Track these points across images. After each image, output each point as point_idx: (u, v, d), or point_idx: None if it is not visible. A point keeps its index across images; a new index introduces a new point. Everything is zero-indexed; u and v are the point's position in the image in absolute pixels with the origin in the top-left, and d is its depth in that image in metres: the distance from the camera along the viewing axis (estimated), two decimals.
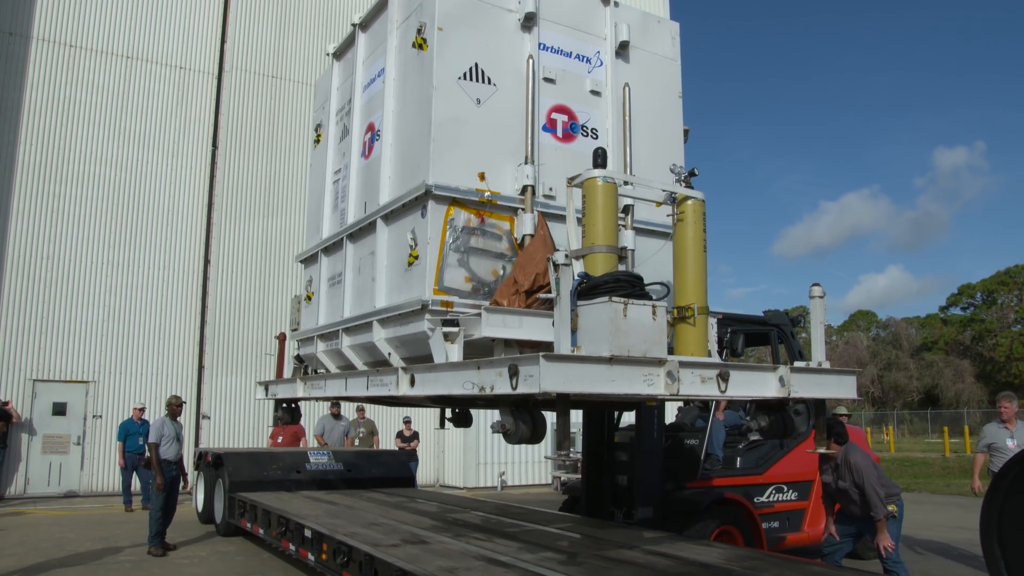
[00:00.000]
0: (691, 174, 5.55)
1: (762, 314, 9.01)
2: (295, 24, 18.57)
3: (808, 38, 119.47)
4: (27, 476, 15.07)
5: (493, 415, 5.37)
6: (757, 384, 4.94)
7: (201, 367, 16.70)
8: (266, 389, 8.68)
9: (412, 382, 5.21)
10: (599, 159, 5.16)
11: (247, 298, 17.36)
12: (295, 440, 13.66)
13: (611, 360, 4.13)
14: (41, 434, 15.30)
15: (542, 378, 3.85)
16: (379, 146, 6.35)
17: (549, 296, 4.71)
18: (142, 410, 14.04)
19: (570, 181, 5.23)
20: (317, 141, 8.18)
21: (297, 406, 8.97)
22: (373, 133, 6.60)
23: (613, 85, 6.28)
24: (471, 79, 5.67)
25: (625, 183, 5.55)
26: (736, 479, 8.43)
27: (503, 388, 4.15)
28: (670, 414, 9.39)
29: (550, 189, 5.80)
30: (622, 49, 6.38)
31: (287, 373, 8.69)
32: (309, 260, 7.97)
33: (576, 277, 4.54)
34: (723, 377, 4.65)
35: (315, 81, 10.44)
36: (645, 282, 4.82)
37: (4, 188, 15.42)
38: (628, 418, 8.75)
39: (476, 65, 5.70)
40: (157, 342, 16.42)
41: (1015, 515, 5.48)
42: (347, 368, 6.89)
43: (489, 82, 5.74)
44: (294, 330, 8.25)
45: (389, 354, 5.92)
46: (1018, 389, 40.12)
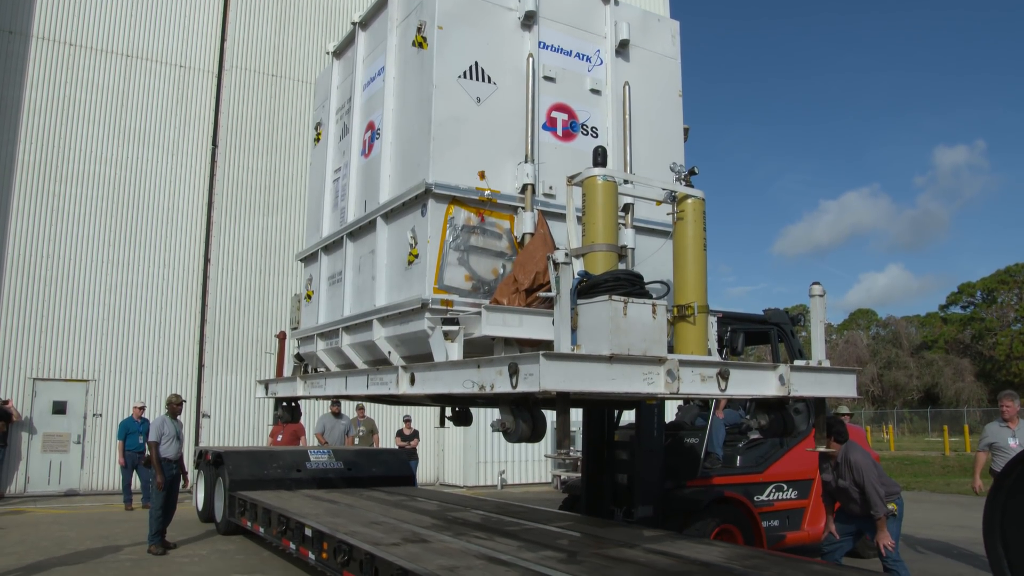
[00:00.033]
0: (691, 173, 5.55)
1: (762, 313, 9.02)
2: (295, 22, 18.56)
3: (808, 37, 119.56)
4: (27, 475, 15.07)
5: (493, 414, 5.37)
6: (757, 383, 4.94)
7: (201, 366, 16.70)
8: (266, 388, 8.68)
9: (412, 381, 5.22)
10: (599, 158, 5.16)
11: (247, 297, 17.36)
12: (295, 439, 13.67)
13: (611, 359, 4.13)
14: (41, 433, 15.31)
15: (542, 377, 3.85)
16: (379, 145, 6.34)
17: (549, 295, 4.72)
18: (142, 409, 14.04)
19: (570, 180, 5.23)
20: (317, 140, 8.18)
21: (297, 405, 8.97)
22: (373, 132, 6.60)
23: (613, 84, 6.28)
24: (471, 78, 5.67)
25: (625, 182, 5.55)
26: (736, 478, 8.43)
27: (503, 387, 4.15)
28: (670, 413, 9.39)
29: (550, 188, 5.79)
30: (622, 48, 6.38)
31: (287, 372, 8.69)
32: (309, 259, 7.97)
33: (576, 276, 4.55)
34: (723, 376, 4.65)
35: (315, 79, 10.43)
36: (645, 281, 4.82)
37: (4, 187, 15.42)
38: (628, 417, 8.75)
39: (476, 64, 5.70)
40: (157, 341, 16.42)
41: (1018, 514, 5.47)
42: (347, 367, 6.89)
43: (489, 81, 5.74)
44: (294, 329, 8.25)
45: (389, 353, 5.93)
46: (1018, 388, 40.12)
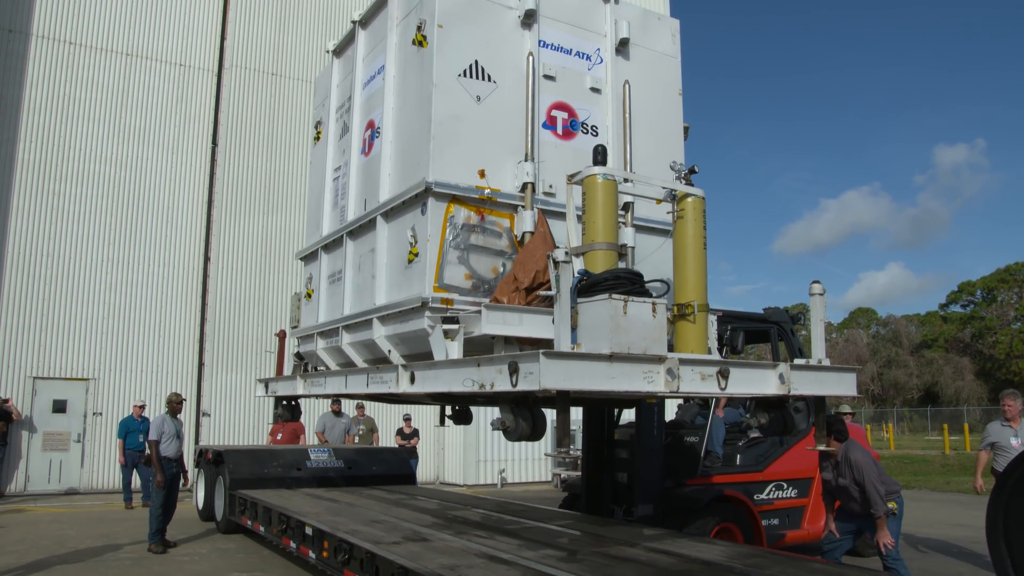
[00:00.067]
0: (691, 171, 5.55)
1: (762, 311, 9.02)
2: (295, 21, 18.56)
3: (808, 35, 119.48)
4: (27, 473, 15.08)
5: (493, 412, 5.37)
6: (757, 381, 4.94)
7: (201, 364, 16.70)
8: (266, 386, 8.68)
9: (412, 379, 5.22)
10: (599, 156, 5.16)
11: (247, 295, 17.36)
12: (294, 437, 13.67)
13: (611, 357, 4.13)
14: (41, 431, 15.31)
15: (542, 375, 3.85)
16: (379, 143, 6.34)
17: (549, 293, 4.72)
18: (142, 407, 14.05)
19: (570, 178, 5.23)
20: (317, 138, 8.17)
21: (297, 403, 8.96)
22: (373, 130, 6.60)
23: (613, 82, 6.28)
24: (471, 76, 5.67)
25: (625, 180, 5.54)
26: (736, 476, 8.43)
27: (503, 385, 4.15)
28: (670, 411, 9.39)
29: (550, 186, 5.80)
30: (622, 46, 6.38)
31: (287, 370, 8.69)
32: (309, 257, 7.97)
33: (576, 274, 4.55)
34: (723, 374, 4.65)
35: (315, 78, 10.43)
36: (645, 279, 4.82)
37: (4, 185, 15.41)
38: (628, 415, 8.75)
39: (476, 62, 5.70)
40: (157, 339, 16.43)
41: (1021, 514, 5.47)
42: (347, 365, 6.89)
43: (489, 79, 5.74)
44: (294, 327, 8.25)
45: (389, 351, 5.93)
46: (1019, 386, 40.09)
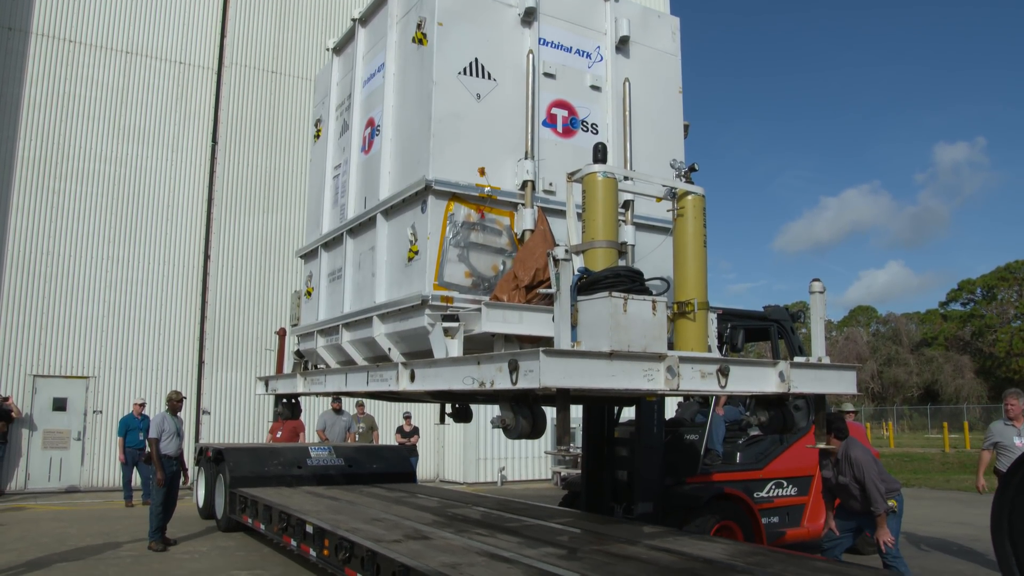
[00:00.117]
0: (691, 169, 5.54)
1: (762, 309, 9.02)
2: (295, 19, 18.54)
3: (809, 34, 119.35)
4: (27, 471, 15.09)
5: (493, 410, 5.37)
6: (757, 379, 4.94)
7: (201, 362, 16.71)
8: (266, 384, 8.68)
9: (412, 377, 5.22)
10: (599, 154, 5.15)
11: (247, 293, 17.36)
12: (294, 435, 13.67)
13: (611, 355, 4.13)
14: (41, 429, 15.32)
15: (542, 373, 3.85)
16: (379, 141, 6.34)
17: (549, 291, 4.72)
18: (142, 405, 14.06)
19: (570, 176, 5.22)
20: (317, 136, 8.17)
21: (297, 401, 8.96)
22: (373, 128, 6.60)
23: (613, 80, 6.27)
24: (471, 74, 5.67)
25: (625, 178, 5.54)
26: (736, 474, 8.43)
27: (503, 383, 4.15)
28: (670, 409, 9.39)
29: (550, 184, 5.79)
30: (622, 44, 6.37)
31: (287, 368, 8.70)
32: (309, 255, 7.97)
33: (576, 272, 4.54)
34: (723, 372, 4.65)
35: (315, 76, 10.42)
36: (645, 277, 4.82)
37: (4, 184, 15.41)
38: (628, 413, 8.76)
39: (476, 60, 5.70)
40: (157, 337, 16.43)
41: None
42: (347, 363, 6.89)
43: (489, 77, 5.73)
44: (294, 325, 8.25)
45: (389, 349, 5.92)
46: (1019, 384, 40.13)
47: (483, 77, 5.71)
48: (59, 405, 15.49)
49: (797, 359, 5.50)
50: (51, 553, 8.91)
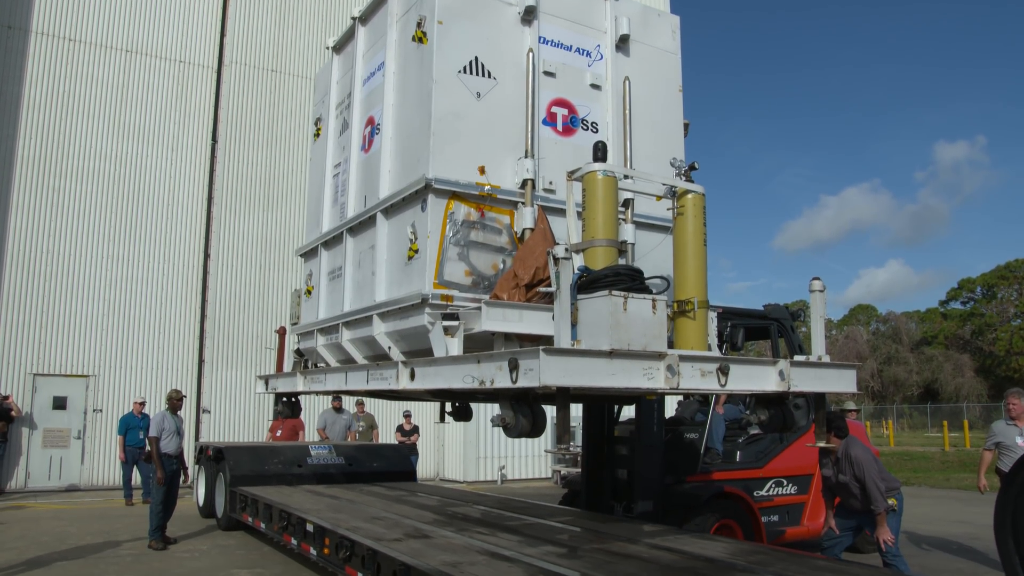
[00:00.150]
0: (691, 168, 5.54)
1: (762, 308, 9.02)
2: (295, 17, 18.53)
3: (809, 32, 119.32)
4: (28, 470, 15.09)
5: (493, 409, 5.38)
6: (757, 378, 4.94)
7: (201, 361, 16.71)
8: (266, 383, 8.68)
9: (412, 376, 5.22)
10: (599, 153, 5.15)
11: (247, 292, 17.36)
12: (294, 434, 13.67)
13: (611, 354, 4.13)
14: (41, 428, 15.32)
15: (542, 372, 3.85)
16: (379, 140, 6.34)
17: (549, 290, 4.71)
18: (142, 404, 14.06)
19: (570, 175, 5.22)
20: (317, 135, 8.17)
21: (297, 400, 8.96)
22: (373, 127, 6.59)
23: (613, 79, 6.27)
24: (471, 73, 5.66)
25: (625, 177, 5.54)
26: (736, 473, 8.43)
27: (503, 382, 4.15)
28: (670, 408, 9.39)
29: (550, 183, 5.79)
30: (622, 43, 6.37)
31: (287, 367, 8.70)
32: (309, 254, 7.97)
33: (576, 271, 4.54)
34: (723, 371, 4.65)
35: (315, 75, 10.42)
36: (645, 276, 4.82)
37: (4, 182, 15.40)
38: (628, 412, 8.76)
39: (476, 59, 5.69)
40: (157, 336, 16.43)
41: None
42: (347, 362, 6.89)
43: (489, 76, 5.73)
44: (294, 324, 8.25)
45: (389, 348, 5.92)
46: (1019, 383, 40.12)
47: (483, 76, 5.71)
48: (59, 404, 15.49)
49: (797, 358, 5.50)
50: (51, 552, 8.91)
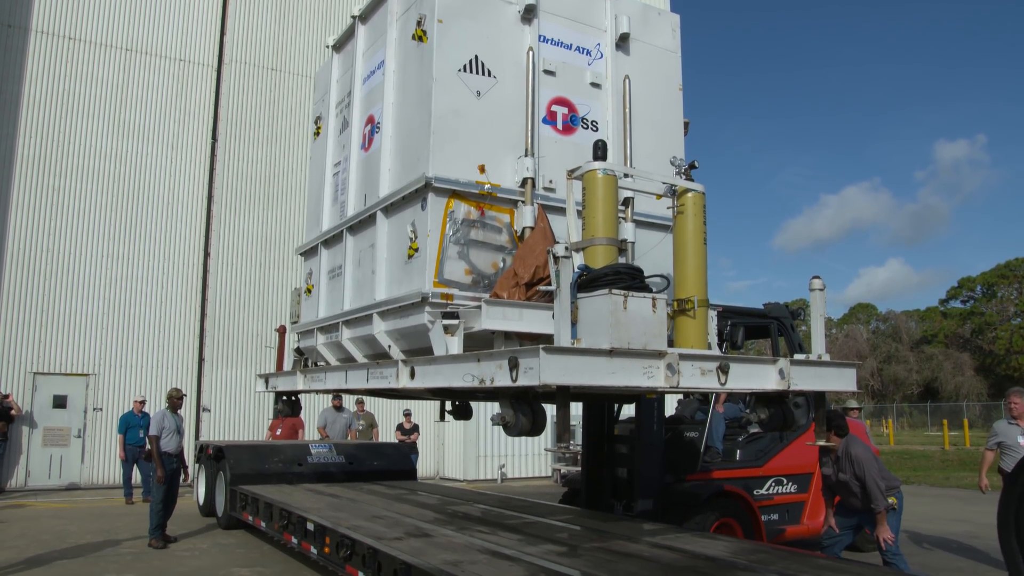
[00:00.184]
0: (691, 167, 5.54)
1: (762, 307, 9.02)
2: (295, 16, 18.52)
3: (809, 31, 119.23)
4: (28, 469, 15.10)
5: (493, 408, 5.38)
6: (757, 377, 4.94)
7: (201, 360, 16.71)
8: (266, 382, 8.68)
9: (412, 374, 5.21)
10: (599, 151, 5.15)
11: (247, 291, 17.37)
12: (293, 433, 13.68)
13: (611, 352, 4.13)
14: (42, 427, 15.32)
15: (542, 370, 3.85)
16: (379, 138, 6.34)
17: (549, 288, 4.71)
18: (143, 403, 14.07)
19: (570, 173, 5.22)
20: (317, 133, 8.16)
21: (297, 399, 8.96)
22: (373, 125, 6.59)
23: (613, 77, 6.26)
24: (471, 71, 5.66)
25: (625, 175, 5.53)
26: (736, 472, 8.43)
27: (503, 380, 4.15)
28: (670, 407, 9.40)
29: (550, 181, 5.79)
30: (622, 41, 6.37)
31: (287, 366, 8.69)
32: (309, 253, 7.97)
33: (576, 269, 4.54)
34: (723, 369, 4.65)
35: (315, 73, 10.41)
36: (645, 275, 4.82)
37: (3, 181, 15.40)
38: (628, 411, 8.76)
39: (476, 57, 5.69)
40: (157, 335, 16.43)
41: None
42: (347, 361, 6.89)
43: (489, 74, 5.73)
44: (294, 323, 8.25)
45: (389, 346, 5.92)
46: (1018, 382, 40.12)
47: (483, 74, 5.70)
48: (59, 402, 15.50)
49: (797, 356, 5.51)
50: (51, 550, 8.92)
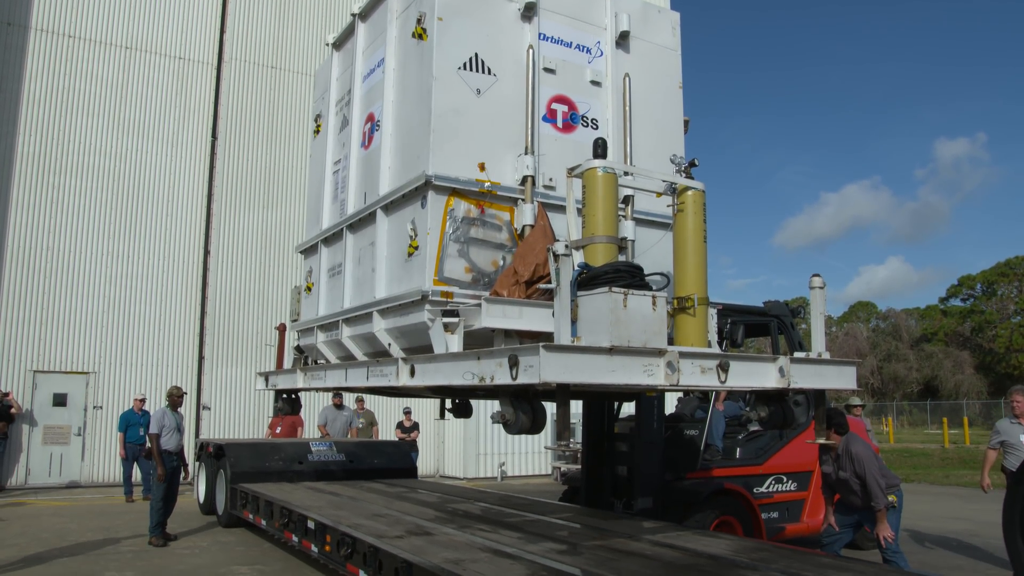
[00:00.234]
0: (691, 165, 5.54)
1: (762, 305, 9.02)
2: (295, 14, 18.51)
3: (809, 29, 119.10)
4: (28, 467, 15.11)
5: (493, 405, 5.37)
6: (757, 374, 4.94)
7: (201, 358, 16.72)
8: (266, 380, 8.69)
9: (412, 372, 5.21)
10: (599, 149, 5.15)
11: (247, 289, 17.37)
12: (293, 430, 13.67)
13: (611, 350, 4.13)
14: (42, 425, 15.33)
15: (542, 368, 3.85)
16: (379, 136, 6.33)
17: (549, 286, 4.71)
18: (143, 401, 14.07)
19: (570, 171, 5.22)
20: (317, 131, 8.16)
21: (297, 397, 8.98)
22: (373, 123, 6.59)
23: (613, 75, 6.26)
24: (471, 69, 5.66)
25: (625, 173, 5.54)
26: (736, 469, 8.44)
27: (503, 378, 4.15)
28: (670, 404, 9.40)
29: (550, 180, 5.79)
30: (622, 39, 6.36)
31: (287, 364, 8.70)
32: (309, 251, 7.97)
33: (576, 267, 4.54)
34: (723, 367, 4.65)
35: (315, 71, 10.41)
36: (645, 272, 4.82)
37: (4, 179, 15.40)
38: (628, 408, 8.76)
39: (476, 55, 5.69)
40: (157, 333, 16.44)
41: None
42: (347, 359, 6.89)
43: (489, 72, 5.72)
44: (294, 321, 8.25)
45: (389, 344, 5.93)
46: (1018, 380, 40.14)
47: (483, 72, 5.70)
48: (59, 401, 15.51)
49: (797, 354, 5.51)
50: (51, 548, 8.93)
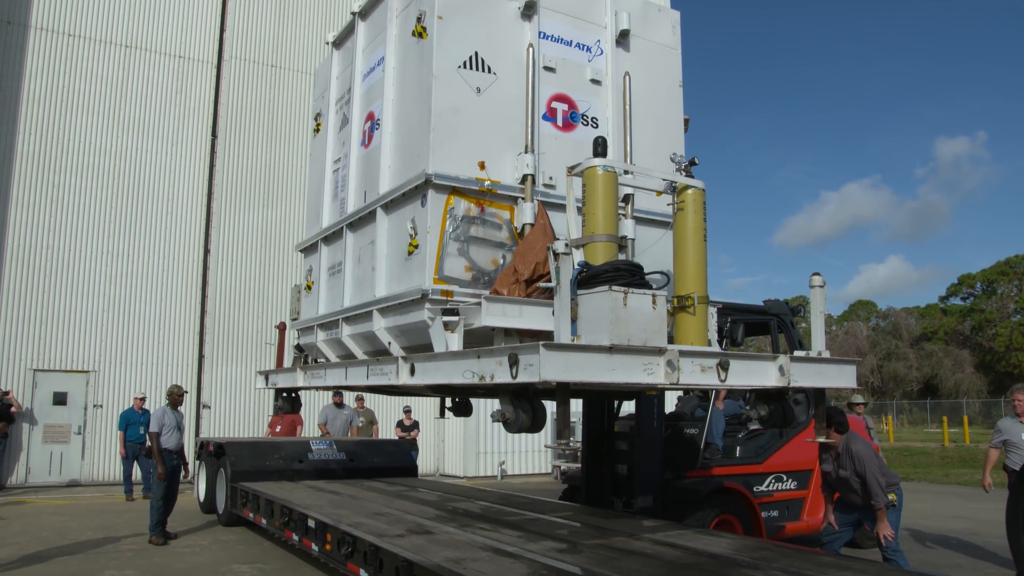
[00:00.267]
0: (691, 163, 5.53)
1: (762, 304, 9.02)
2: (294, 12, 18.50)
3: (809, 28, 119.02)
4: (28, 466, 15.11)
5: (493, 404, 5.37)
6: (757, 373, 4.94)
7: (201, 356, 16.72)
8: (266, 378, 8.69)
9: (412, 371, 5.22)
10: (599, 148, 5.15)
11: (247, 287, 17.36)
12: (293, 429, 13.67)
13: (611, 349, 4.13)
14: (42, 424, 15.33)
15: (542, 367, 3.85)
16: (379, 135, 6.33)
17: (549, 285, 4.71)
18: (143, 399, 14.08)
19: (570, 170, 5.22)
20: (317, 130, 8.16)
21: (297, 395, 8.97)
22: (373, 122, 6.59)
23: (613, 74, 6.26)
24: (471, 68, 5.65)
25: (625, 172, 5.54)
26: (736, 468, 8.44)
27: (503, 377, 4.15)
28: (670, 403, 9.40)
29: (550, 178, 5.79)
30: (622, 38, 6.36)
31: (287, 362, 8.70)
32: (309, 249, 7.97)
33: (576, 266, 4.54)
34: (723, 366, 4.65)
35: (315, 70, 10.40)
36: (645, 271, 4.82)
37: (3, 177, 15.39)
38: (628, 407, 8.76)
39: (476, 54, 5.68)
40: (157, 331, 16.44)
41: None
42: (347, 357, 6.89)
43: (489, 71, 5.72)
44: (294, 319, 8.25)
45: (389, 343, 5.93)
46: (1018, 379, 40.13)
47: (483, 71, 5.70)
48: (59, 399, 15.51)
49: (797, 353, 5.50)
50: (51, 547, 8.93)
